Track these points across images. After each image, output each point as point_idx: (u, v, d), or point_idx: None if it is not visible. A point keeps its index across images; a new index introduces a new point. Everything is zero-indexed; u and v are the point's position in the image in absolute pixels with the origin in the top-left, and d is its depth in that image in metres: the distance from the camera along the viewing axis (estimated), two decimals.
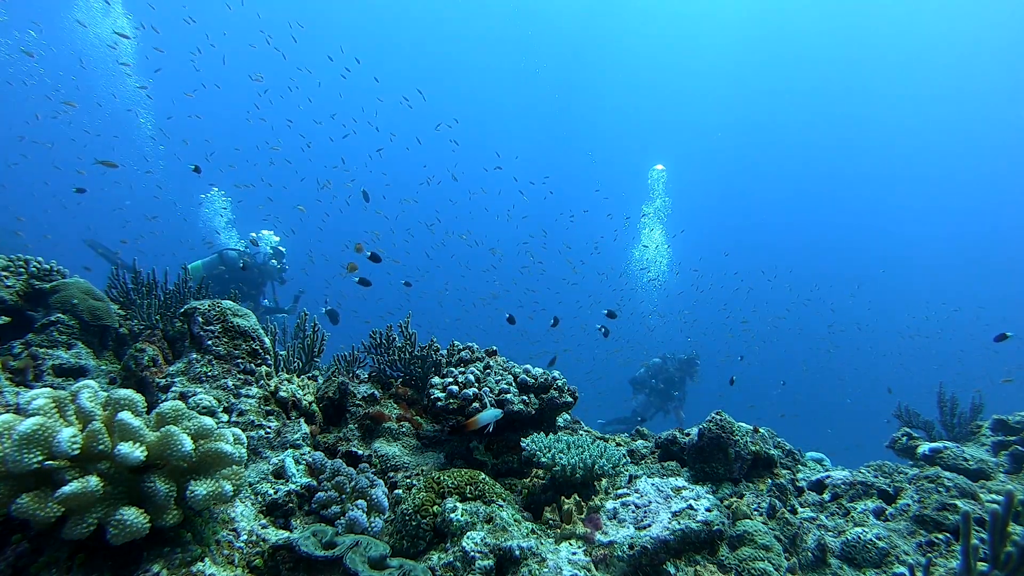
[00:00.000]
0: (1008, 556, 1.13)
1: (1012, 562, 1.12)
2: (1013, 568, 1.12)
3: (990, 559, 1.16)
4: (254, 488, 1.65)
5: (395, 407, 2.49)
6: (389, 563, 1.38)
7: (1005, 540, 1.16)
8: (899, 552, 1.95)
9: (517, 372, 2.51)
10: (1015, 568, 1.11)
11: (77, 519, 1.05)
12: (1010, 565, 1.12)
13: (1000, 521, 1.17)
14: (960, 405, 3.37)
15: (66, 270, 2.62)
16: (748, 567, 1.72)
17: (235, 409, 1.84)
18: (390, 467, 2.13)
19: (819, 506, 2.38)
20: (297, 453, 1.86)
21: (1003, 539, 1.16)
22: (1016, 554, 1.11)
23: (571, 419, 3.06)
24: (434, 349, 2.76)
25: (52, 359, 2.12)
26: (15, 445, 1.02)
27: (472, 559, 1.48)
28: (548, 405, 2.41)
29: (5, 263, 2.48)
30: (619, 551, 1.67)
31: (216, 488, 1.20)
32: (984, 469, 2.54)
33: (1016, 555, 1.11)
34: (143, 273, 2.83)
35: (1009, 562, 1.12)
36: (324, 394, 2.33)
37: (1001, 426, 3.09)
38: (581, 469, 1.95)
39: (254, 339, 2.06)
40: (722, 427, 2.41)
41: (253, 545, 1.37)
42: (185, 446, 1.16)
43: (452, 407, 2.28)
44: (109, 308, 2.48)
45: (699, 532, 1.74)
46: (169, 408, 1.25)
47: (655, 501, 1.89)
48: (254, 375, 1.97)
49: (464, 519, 1.60)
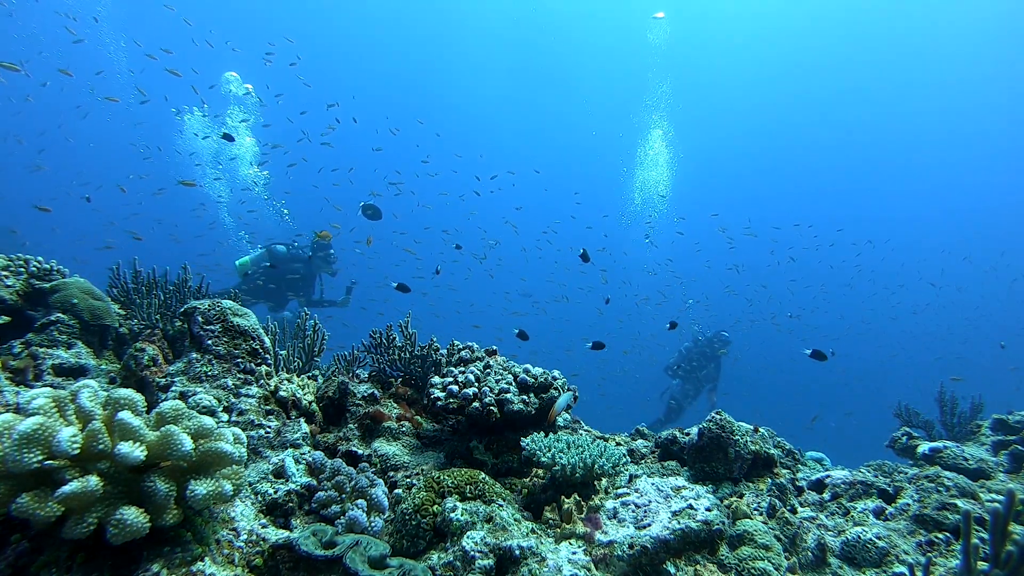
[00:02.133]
0: (1009, 555, 1.13)
1: (1012, 561, 1.12)
2: (1014, 567, 1.12)
3: (991, 558, 1.16)
4: (254, 487, 1.66)
5: (395, 407, 2.49)
6: (389, 562, 1.38)
7: (1006, 539, 1.16)
8: (899, 551, 1.95)
9: (517, 372, 2.51)
10: (1015, 567, 1.11)
11: (77, 518, 1.05)
12: (1010, 564, 1.12)
13: (1001, 520, 1.17)
14: (960, 405, 3.38)
15: (66, 269, 2.62)
16: (748, 566, 1.72)
17: (235, 409, 1.84)
18: (390, 466, 2.13)
19: (819, 505, 2.38)
20: (297, 453, 1.86)
21: (1004, 538, 1.16)
22: (1017, 553, 1.11)
23: (571, 419, 3.06)
24: (434, 349, 2.76)
25: (52, 358, 2.12)
26: (15, 444, 1.02)
27: (472, 558, 1.48)
28: (548, 405, 2.41)
29: (5, 262, 2.48)
30: (619, 550, 1.67)
31: (216, 487, 1.20)
32: (984, 468, 2.54)
33: (1017, 554, 1.11)
34: (143, 272, 2.83)
35: (1010, 561, 1.12)
36: (324, 394, 2.33)
37: (1001, 425, 3.09)
38: (581, 468, 1.95)
39: (254, 339, 2.06)
40: (722, 427, 2.41)
41: (253, 544, 1.37)
42: (185, 446, 1.16)
43: (452, 407, 2.28)
44: (109, 307, 2.48)
45: (699, 532, 1.74)
46: (169, 408, 1.25)
47: (655, 500, 1.89)
48: (254, 375, 1.98)
49: (464, 518, 1.60)
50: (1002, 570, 1.13)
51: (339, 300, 7.08)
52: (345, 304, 7.09)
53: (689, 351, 9.40)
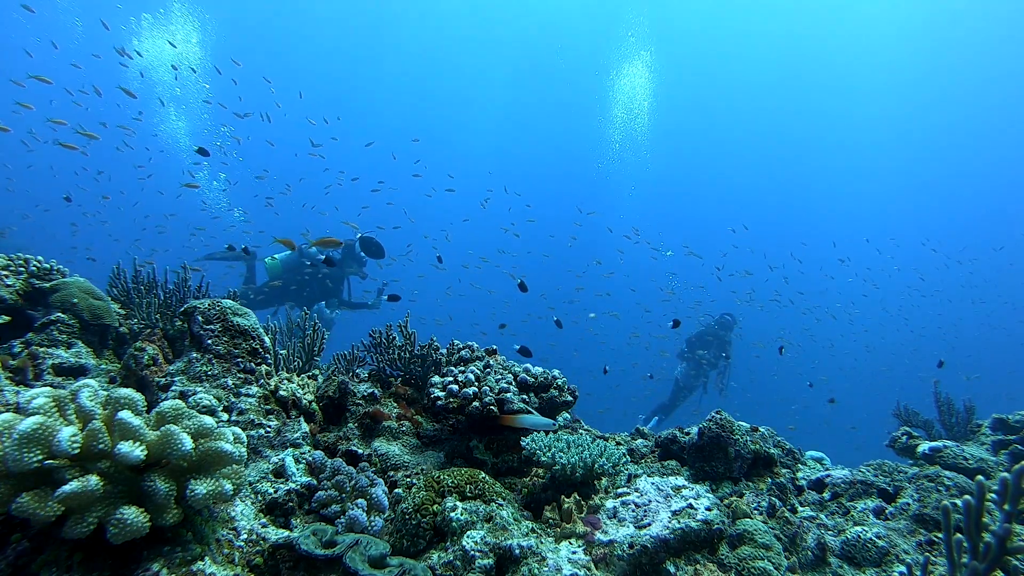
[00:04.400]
0: (987, 547, 1.12)
1: (991, 553, 1.11)
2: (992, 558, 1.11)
3: (970, 551, 1.15)
4: (254, 487, 1.66)
5: (395, 406, 2.49)
6: (389, 562, 1.38)
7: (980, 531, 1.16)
8: (899, 551, 1.95)
9: (517, 371, 2.51)
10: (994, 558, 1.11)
11: (77, 518, 1.05)
12: (990, 556, 1.11)
13: (974, 512, 1.16)
14: (959, 404, 3.38)
15: (66, 269, 2.62)
16: (748, 566, 1.72)
17: (235, 408, 1.84)
18: (390, 466, 2.13)
19: (819, 505, 2.38)
20: (297, 452, 1.86)
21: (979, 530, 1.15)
22: (995, 543, 1.11)
23: (571, 418, 3.06)
24: (434, 348, 2.76)
25: (52, 358, 2.12)
26: (15, 444, 1.02)
27: (472, 558, 1.48)
28: (548, 404, 2.41)
29: (5, 262, 2.48)
30: (619, 550, 1.67)
31: (216, 487, 1.20)
32: (984, 468, 2.54)
33: (995, 544, 1.11)
34: (143, 272, 2.83)
35: (988, 552, 1.12)
36: (324, 393, 2.33)
37: (1001, 425, 3.09)
38: (581, 468, 1.95)
39: (254, 338, 2.06)
40: (722, 426, 2.41)
41: (253, 544, 1.37)
42: (185, 445, 1.16)
43: (452, 406, 2.28)
44: (109, 307, 2.48)
45: (699, 531, 1.74)
46: (169, 407, 1.25)
47: (655, 500, 1.89)
48: (254, 374, 1.97)
49: (464, 518, 1.60)
50: (981, 563, 1.12)
51: (370, 303, 6.94)
52: (376, 306, 6.95)
53: (701, 335, 9.40)
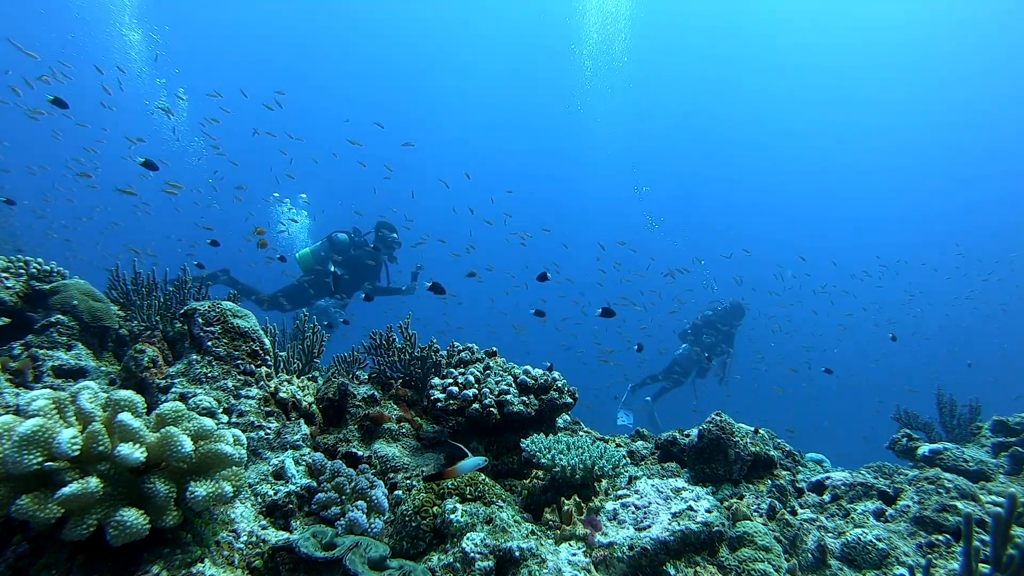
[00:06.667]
0: (1011, 559, 1.13)
1: (1014, 565, 1.12)
2: (1015, 571, 1.11)
3: (992, 561, 1.16)
4: (254, 489, 1.65)
5: (395, 408, 2.49)
6: (389, 564, 1.37)
7: (1007, 543, 1.16)
8: (899, 553, 1.94)
9: (517, 373, 2.51)
10: (1017, 570, 1.11)
11: (77, 520, 1.05)
12: (1012, 568, 1.12)
13: (1003, 524, 1.16)
14: (959, 407, 3.37)
15: (66, 271, 2.62)
16: (748, 568, 1.71)
17: (235, 410, 1.84)
18: (390, 468, 2.13)
19: (819, 507, 2.38)
20: (297, 454, 1.86)
21: (1005, 541, 1.16)
22: (1018, 556, 1.11)
23: (571, 420, 3.06)
24: (434, 350, 2.76)
25: (52, 360, 2.12)
26: (15, 446, 1.02)
27: (472, 560, 1.48)
28: (548, 406, 2.41)
29: (5, 264, 2.48)
30: (619, 552, 1.67)
31: (216, 489, 1.20)
32: (984, 470, 2.54)
33: (1018, 557, 1.11)
34: (143, 274, 2.83)
35: (1011, 565, 1.12)
36: (324, 395, 2.33)
37: (1001, 427, 3.09)
38: (581, 470, 1.95)
39: (254, 340, 2.06)
40: (722, 428, 2.41)
41: (253, 546, 1.37)
42: (185, 447, 1.16)
43: (452, 408, 2.28)
44: (109, 309, 2.48)
45: (699, 533, 1.74)
46: (169, 409, 1.25)
47: (655, 502, 1.89)
48: (254, 376, 1.98)
49: (464, 520, 1.60)
50: (1003, 573, 1.13)
51: (404, 288, 6.73)
52: (412, 291, 6.71)
53: (707, 319, 9.28)
